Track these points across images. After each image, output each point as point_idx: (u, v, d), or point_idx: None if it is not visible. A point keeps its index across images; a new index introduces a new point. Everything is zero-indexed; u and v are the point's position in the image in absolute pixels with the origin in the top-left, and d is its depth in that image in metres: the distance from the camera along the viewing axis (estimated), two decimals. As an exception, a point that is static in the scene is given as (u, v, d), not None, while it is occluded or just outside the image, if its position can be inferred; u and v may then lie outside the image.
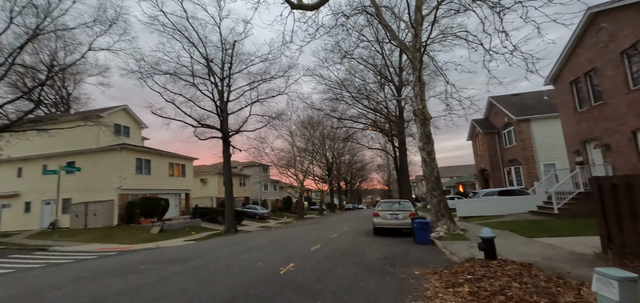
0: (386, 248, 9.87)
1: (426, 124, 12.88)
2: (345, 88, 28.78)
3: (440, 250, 9.15)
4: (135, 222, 23.38)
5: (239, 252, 10.19)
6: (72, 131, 25.00)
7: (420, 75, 13.07)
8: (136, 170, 24.93)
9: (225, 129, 23.69)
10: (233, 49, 23.73)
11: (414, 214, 12.75)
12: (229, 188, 23.61)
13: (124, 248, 15.25)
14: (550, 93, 24.28)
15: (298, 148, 41.78)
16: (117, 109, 27.16)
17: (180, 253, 10.84)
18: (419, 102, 12.99)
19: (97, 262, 10.46)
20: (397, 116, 28.41)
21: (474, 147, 30.09)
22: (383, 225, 13.00)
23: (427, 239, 10.49)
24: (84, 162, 24.51)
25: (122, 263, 9.40)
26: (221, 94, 23.79)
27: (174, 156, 29.61)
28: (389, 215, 13.00)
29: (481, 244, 6.51)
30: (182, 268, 7.79)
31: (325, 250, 9.76)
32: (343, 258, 8.28)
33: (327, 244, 11.27)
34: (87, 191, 23.85)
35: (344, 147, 55.54)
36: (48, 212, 24.61)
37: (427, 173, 12.68)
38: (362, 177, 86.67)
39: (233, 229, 22.38)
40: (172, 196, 28.70)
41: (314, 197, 78.83)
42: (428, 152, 12.69)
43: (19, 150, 25.85)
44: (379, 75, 28.52)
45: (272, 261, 8.19)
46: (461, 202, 19.66)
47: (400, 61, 27.52)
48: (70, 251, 14.38)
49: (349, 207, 72.71)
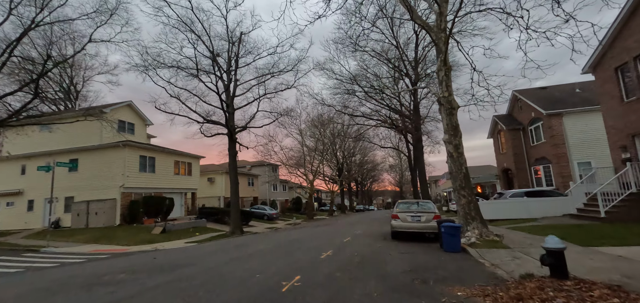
0: (410, 256, 8.35)
1: (453, 114, 11.29)
2: (357, 83, 27.31)
3: (477, 260, 7.59)
4: (138, 221, 22.43)
5: (238, 259, 8.85)
6: (76, 128, 24.28)
7: (445, 59, 11.50)
8: (140, 168, 24.02)
9: (231, 125, 22.51)
10: (239, 41, 22.56)
11: (438, 216, 11.18)
12: (235, 188, 22.40)
13: (120, 250, 14.16)
14: (584, 85, 22.24)
15: (308, 147, 40.44)
16: (122, 104, 26.36)
17: (174, 259, 9.58)
18: (444, 89, 11.42)
19: (80, 266, 9.30)
20: (413, 111, 26.72)
21: (496, 145, 28.10)
22: (403, 229, 11.47)
23: (457, 246, 8.93)
24: (87, 159, 23.76)
25: (104, 269, 8.18)
26: (227, 88, 22.63)
27: (179, 154, 28.66)
28: (409, 217, 11.46)
29: (545, 258, 4.96)
30: (167, 279, 6.49)
31: (337, 259, 8.32)
32: (360, 271, 6.82)
33: (339, 250, 9.83)
34: (90, 189, 23.05)
35: (355, 146, 53.94)
36: (51, 210, 23.89)
37: (454, 170, 11.09)
38: (373, 178, 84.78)
39: (239, 231, 21.15)
40: (177, 195, 27.74)
41: (324, 197, 77.38)
42: (455, 145, 11.11)
43: (22, 148, 25.30)
44: (393, 68, 26.91)
45: (274, 272, 6.80)
46: (484, 203, 17.88)
47: (417, 53, 25.87)
48: (61, 253, 13.36)
49: (360, 208, 70.97)
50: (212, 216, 27.58)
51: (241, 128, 23.99)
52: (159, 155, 26.12)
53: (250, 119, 24.73)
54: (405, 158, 67.94)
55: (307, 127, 40.62)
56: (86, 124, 23.10)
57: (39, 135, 25.47)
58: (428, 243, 10.82)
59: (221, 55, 22.65)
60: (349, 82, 27.10)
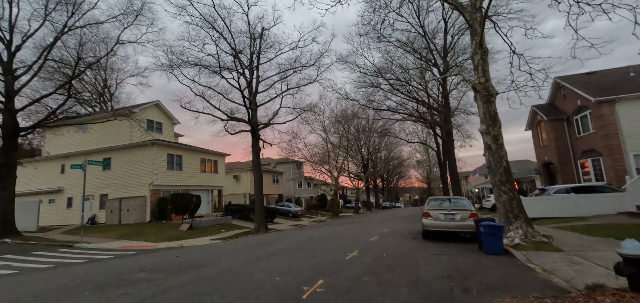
0: (446, 259, 7.53)
1: (491, 101, 10.22)
2: (382, 75, 26.25)
3: (526, 265, 6.65)
4: (167, 218, 22.94)
5: (259, 258, 8.44)
6: (109, 128, 25.29)
7: (481, 41, 10.42)
8: (167, 166, 24.56)
9: (254, 122, 22.38)
10: (261, 37, 22.33)
11: (476, 215, 10.17)
12: (259, 185, 22.28)
13: (147, 247, 14.34)
14: (639, 69, 19.89)
15: (332, 143, 39.82)
16: (150, 104, 27.12)
17: (195, 257, 9.36)
18: (480, 74, 10.36)
19: (104, 263, 9.31)
20: (442, 103, 25.29)
21: (535, 137, 25.97)
22: (435, 228, 10.57)
23: (500, 248, 7.97)
24: (119, 158, 24.63)
25: (125, 268, 8.08)
26: (249, 84, 22.50)
27: (205, 152, 29.10)
28: (442, 215, 10.54)
29: (622, 266, 4.04)
30: (183, 280, 6.16)
31: (364, 259, 7.67)
32: (390, 274, 6.13)
33: (366, 250, 9.16)
34: (122, 187, 23.89)
35: (380, 142, 52.62)
36: (87, 207, 25.08)
37: (492, 163, 10.03)
38: (399, 175, 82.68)
39: (263, 228, 21.00)
40: (204, 192, 28.18)
41: (349, 194, 76.49)
42: (494, 136, 10.04)
43: (61, 148, 26.76)
44: (420, 59, 25.60)
45: (295, 274, 6.29)
46: (524, 201, 16.34)
47: (446, 41, 24.41)
48: (93, 249, 13.71)
49: (386, 206, 69.45)
50: (238, 213, 27.76)
51: (264, 125, 23.83)
52: (186, 153, 26.62)
53: (273, 116, 24.53)
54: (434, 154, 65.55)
55: (330, 123, 40.03)
56: (118, 124, 23.99)
57: (76, 135, 26.79)
58: (464, 244, 9.88)
59: (243, 52, 22.57)
60: (374, 75, 26.12)
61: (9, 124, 16.64)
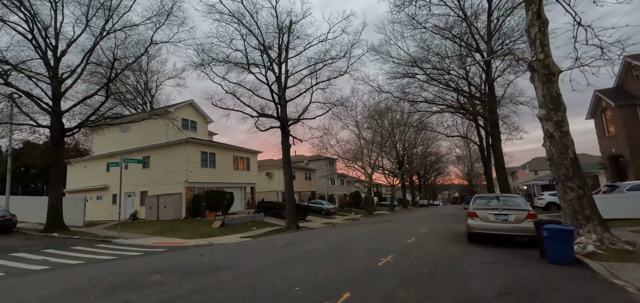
0: (501, 269, 6.26)
1: (552, 81, 8.59)
2: (417, 65, 24.49)
3: (609, 280, 5.23)
4: (201, 215, 23.31)
5: (283, 261, 7.73)
6: (147, 128, 26.31)
7: (539, 10, 8.81)
8: (201, 164, 24.98)
9: (284, 118, 21.91)
10: (289, 30, 21.75)
11: (534, 215, 8.64)
12: (289, 182, 21.82)
13: (178, 244, 14.36)
14: None
15: (365, 139, 38.47)
16: (184, 104, 27.82)
17: (218, 258, 8.91)
18: (538, 49, 8.76)
19: (130, 261, 9.18)
20: (486, 92, 23.02)
21: (599, 126, 22.77)
22: (484, 230, 9.17)
23: (570, 257, 6.51)
24: (156, 156, 25.51)
25: (145, 267, 7.78)
26: (278, 79, 22.07)
27: (238, 149, 29.33)
28: (492, 215, 9.11)
29: None
30: (196, 286, 5.60)
31: (400, 267, 6.64)
32: (432, 287, 5.07)
33: (402, 254, 8.09)
34: (160, 184, 24.71)
35: (416, 137, 50.15)
36: (130, 204, 26.37)
37: (555, 154, 8.43)
38: (437, 171, 78.77)
39: (294, 226, 20.49)
40: (237, 190, 28.41)
41: (384, 191, 74.36)
42: (557, 123, 8.43)
43: (105, 148, 28.38)
44: (459, 45, 23.49)
45: (318, 283, 5.45)
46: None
47: (490, 23, 22.09)
48: (127, 245, 13.97)
49: (423, 203, 66.47)
50: (270, 210, 27.61)
51: (294, 120, 23.29)
52: (219, 151, 26.94)
53: (303, 111, 23.88)
54: (476, 148, 61.37)
55: (363, 118, 38.66)
56: (155, 124, 24.82)
57: (119, 136, 28.26)
58: (519, 250, 8.43)
59: (272, 48, 22.17)
60: (408, 64, 24.45)
61: (56, 126, 17.60)
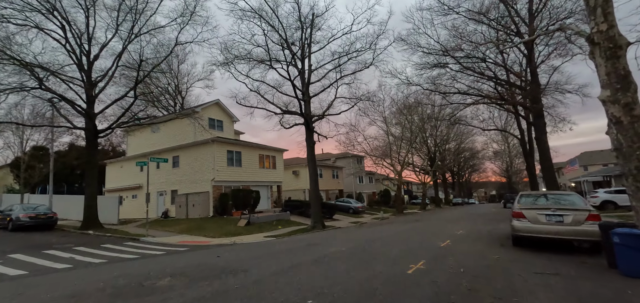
0: (560, 282, 5.14)
1: (619, 56, 7.14)
2: (449, 54, 22.78)
3: None
4: (228, 213, 23.39)
5: (301, 266, 7.09)
6: (176, 128, 26.94)
7: (601, -28, 7.38)
8: (228, 163, 25.09)
9: (308, 114, 21.32)
10: (312, 24, 21.09)
11: (598, 217, 7.27)
12: (314, 179, 21.22)
13: (202, 242, 14.25)
14: None
15: (393, 136, 36.96)
16: (210, 103, 28.16)
17: (235, 259, 8.46)
18: (600, 18, 7.33)
19: (148, 261, 8.99)
20: (529, 79, 20.91)
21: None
22: (533, 233, 7.90)
23: (651, 270, 5.24)
24: (185, 155, 26.02)
25: (159, 269, 7.48)
26: (301, 74, 21.52)
27: (264, 148, 29.24)
28: (543, 216, 7.83)
29: None
30: (201, 293, 5.11)
31: (433, 276, 5.72)
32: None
33: (436, 260, 7.13)
34: (189, 183, 25.17)
35: (448, 132, 47.60)
36: (162, 202, 27.18)
37: (623, 144, 6.99)
38: (472, 168, 74.69)
39: (320, 225, 19.86)
40: (263, 188, 28.33)
41: (415, 189, 71.77)
42: (625, 105, 6.98)
43: (138, 148, 29.49)
44: (498, 28, 21.54)
45: (336, 296, 4.72)
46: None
47: (531, 1, 20.01)
48: (153, 243, 14.07)
49: (457, 202, 63.23)
50: (297, 209, 27.23)
51: (319, 116, 22.62)
52: (245, 149, 26.97)
53: (328, 107, 23.15)
54: (515, 143, 57.30)
55: (391, 113, 37.16)
56: (183, 124, 25.31)
57: (150, 136, 29.27)
58: (578, 257, 7.14)
59: (295, 44, 21.64)
60: (440, 53, 22.82)
61: (90, 127, 18.29)
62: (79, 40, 18.95)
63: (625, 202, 21.87)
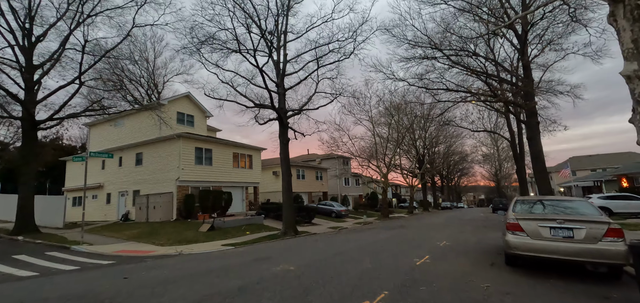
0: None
1: (649, 17, 5.37)
2: (437, 47, 21.07)
3: None
4: (193, 217, 21.16)
5: (218, 296, 5.04)
6: (141, 123, 24.56)
7: None
8: (196, 161, 22.86)
9: (282, 108, 19.28)
10: (288, 9, 19.10)
11: (620, 233, 5.41)
12: (287, 180, 19.18)
13: (142, 252, 12.06)
14: None
15: (380, 136, 35.17)
16: (179, 96, 25.87)
17: (146, 282, 6.38)
18: (624, -31, 5.55)
19: (41, 281, 6.82)
20: (522, 74, 19.34)
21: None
22: (535, 253, 5.98)
23: None
24: (149, 152, 23.68)
25: (34, 298, 5.33)
26: (277, 65, 19.49)
27: (239, 146, 27.07)
28: (547, 230, 5.95)
29: None
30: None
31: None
32: None
33: (400, 295, 5.17)
34: (151, 183, 22.84)
35: (438, 134, 46.18)
36: (123, 204, 24.71)
37: (655, 134, 5.21)
38: (461, 171, 73.76)
39: (292, 231, 17.82)
40: (237, 189, 26.13)
41: (403, 192, 70.28)
42: (658, 82, 5.19)
43: (100, 145, 26.97)
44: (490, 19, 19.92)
45: None
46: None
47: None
48: (78, 254, 11.81)
49: (446, 206, 61.88)
50: (273, 212, 25.13)
51: (295, 111, 20.56)
52: (216, 147, 24.76)
53: (306, 101, 21.10)
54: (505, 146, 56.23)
55: (378, 113, 35.35)
56: (149, 119, 22.81)
57: (113, 132, 26.81)
58: (594, 286, 5.27)
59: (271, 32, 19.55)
60: (428, 46, 21.08)
61: (26, 117, 15.90)
62: (21, 19, 16.58)
63: (621, 209, 20.32)
